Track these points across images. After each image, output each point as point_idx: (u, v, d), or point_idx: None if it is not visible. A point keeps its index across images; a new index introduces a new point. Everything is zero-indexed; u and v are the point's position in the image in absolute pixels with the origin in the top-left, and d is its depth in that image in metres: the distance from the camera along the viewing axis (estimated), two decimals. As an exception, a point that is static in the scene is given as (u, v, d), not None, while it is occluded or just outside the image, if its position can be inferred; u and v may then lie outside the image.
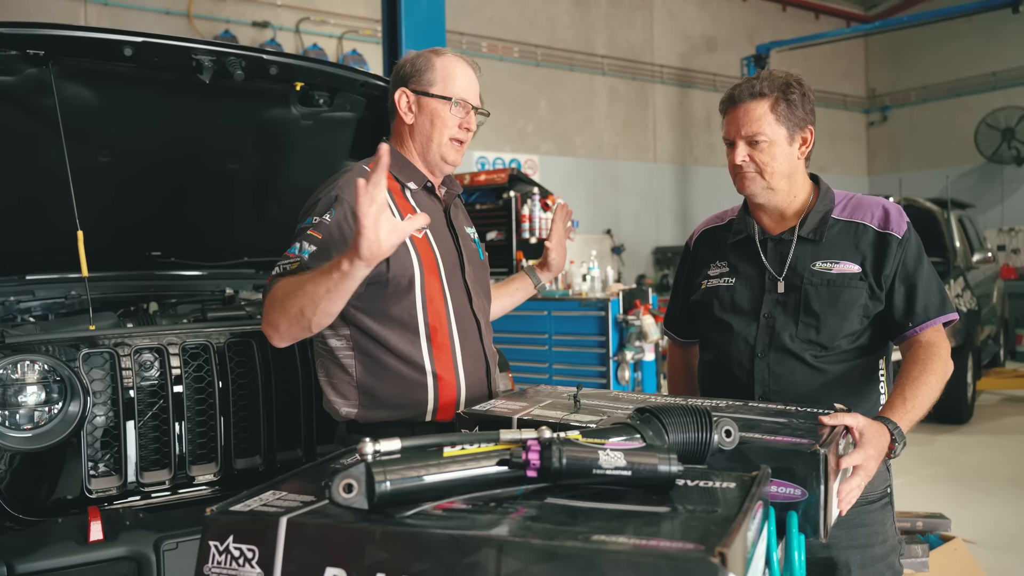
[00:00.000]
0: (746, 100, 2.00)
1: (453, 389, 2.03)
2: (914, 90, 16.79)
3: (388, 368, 1.99)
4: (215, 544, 1.08)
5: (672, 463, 1.13)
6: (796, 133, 2.02)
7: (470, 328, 2.09)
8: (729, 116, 2.05)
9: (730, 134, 2.04)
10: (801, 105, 2.01)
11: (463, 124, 2.07)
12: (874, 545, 1.97)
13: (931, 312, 1.99)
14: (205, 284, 3.38)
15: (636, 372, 6.27)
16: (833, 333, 2.00)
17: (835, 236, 2.04)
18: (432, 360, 2.01)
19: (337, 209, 1.93)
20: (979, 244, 9.12)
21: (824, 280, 2.01)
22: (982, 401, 8.51)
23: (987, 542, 4.48)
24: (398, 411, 2.00)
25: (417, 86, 2.07)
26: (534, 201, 7.40)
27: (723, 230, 2.24)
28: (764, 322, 2.05)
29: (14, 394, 2.17)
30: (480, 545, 0.96)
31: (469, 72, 2.09)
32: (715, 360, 2.17)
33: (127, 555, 2.13)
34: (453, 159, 2.09)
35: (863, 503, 1.93)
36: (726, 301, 2.13)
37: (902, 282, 2.00)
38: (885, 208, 2.06)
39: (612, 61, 13.50)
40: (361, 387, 2.01)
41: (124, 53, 2.42)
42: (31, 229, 2.85)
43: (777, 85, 1.99)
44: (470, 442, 1.16)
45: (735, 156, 2.02)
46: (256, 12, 10.22)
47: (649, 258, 13.90)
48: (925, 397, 1.86)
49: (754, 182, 2.03)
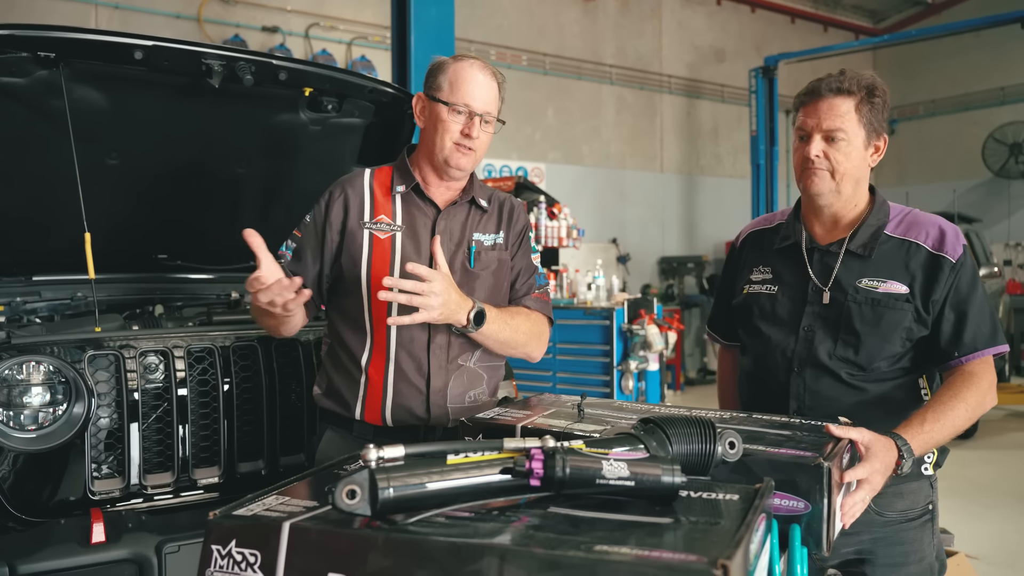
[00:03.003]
0: (831, 94, 1.91)
1: (379, 392, 2.06)
2: (922, 104, 16.77)
3: (340, 358, 2.13)
4: (218, 548, 1.08)
5: (676, 474, 1.13)
6: (872, 138, 1.94)
7: (416, 336, 2.05)
8: (808, 108, 1.94)
9: (807, 126, 1.93)
10: (882, 111, 1.93)
11: (465, 130, 2.04)
12: (910, 564, 1.90)
13: (980, 343, 1.91)
14: (211, 287, 3.38)
15: (640, 382, 6.27)
16: (872, 355, 1.92)
17: (885, 253, 1.95)
18: (369, 358, 2.07)
19: (315, 210, 2.13)
20: (985, 259, 9.10)
21: (868, 298, 1.92)
22: (986, 416, 8.41)
23: (991, 558, 4.46)
24: (338, 403, 2.12)
25: (429, 90, 2.09)
26: (540, 209, 7.42)
27: (771, 233, 2.15)
28: (803, 335, 1.98)
29: (19, 395, 2.17)
30: (483, 553, 0.96)
31: (481, 79, 2.05)
32: (752, 370, 2.12)
33: (129, 557, 2.13)
34: (457, 163, 2.06)
35: (902, 520, 1.88)
36: (766, 309, 2.06)
37: (952, 308, 1.91)
38: (942, 228, 1.95)
39: (620, 70, 13.52)
40: (325, 371, 2.18)
41: (134, 56, 2.43)
42: (39, 230, 2.86)
43: (864, 85, 1.91)
44: (474, 450, 1.16)
45: (809, 149, 1.92)
46: (266, 17, 10.26)
47: (654, 268, 13.88)
48: (948, 422, 1.80)
49: (823, 180, 1.93)
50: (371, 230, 2.08)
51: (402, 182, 2.12)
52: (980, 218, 11.17)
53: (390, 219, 2.09)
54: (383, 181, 2.14)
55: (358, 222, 2.08)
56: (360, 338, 2.08)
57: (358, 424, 2.09)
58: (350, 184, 2.13)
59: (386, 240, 2.07)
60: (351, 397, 2.09)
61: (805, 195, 2.02)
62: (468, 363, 2.12)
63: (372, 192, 2.12)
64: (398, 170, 2.15)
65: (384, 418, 2.06)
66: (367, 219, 2.09)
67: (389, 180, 2.13)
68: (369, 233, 2.08)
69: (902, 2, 16.76)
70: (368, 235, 2.07)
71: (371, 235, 2.08)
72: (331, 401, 2.15)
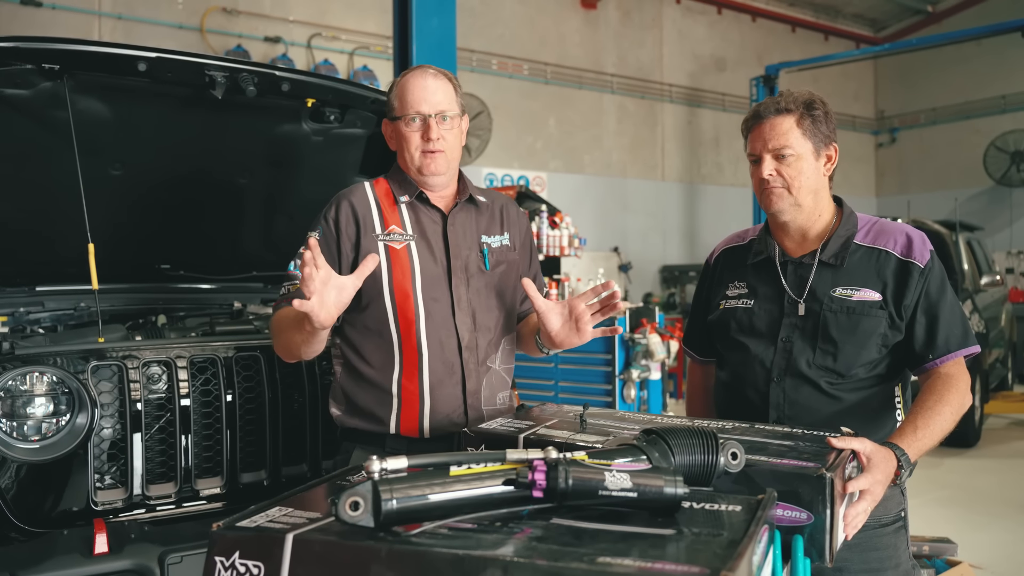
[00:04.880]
0: (772, 115, 1.99)
1: (416, 403, 2.02)
2: (923, 112, 16.80)
3: (363, 376, 2.07)
4: (221, 560, 1.08)
5: (678, 485, 1.13)
6: (821, 149, 2.01)
7: (446, 340, 2.05)
8: (754, 132, 2.03)
9: (756, 149, 2.02)
10: (824, 122, 2.00)
11: (423, 135, 2.04)
12: (887, 569, 1.94)
13: (952, 345, 1.95)
14: (214, 297, 3.39)
15: (642, 391, 6.26)
16: (850, 361, 1.97)
17: (856, 262, 2.01)
18: (401, 371, 2.03)
19: (324, 227, 2.08)
20: (987, 267, 9.09)
21: (843, 307, 1.98)
22: (989, 425, 8.45)
23: (994, 567, 4.44)
24: (368, 420, 2.06)
25: (388, 114, 2.13)
26: (542, 218, 7.42)
27: (743, 250, 2.21)
28: (782, 346, 2.03)
29: (22, 405, 2.17)
30: (485, 565, 0.96)
31: (424, 82, 2.05)
32: (730, 382, 2.15)
33: (131, 568, 2.13)
34: (431, 169, 2.06)
35: (876, 526, 1.91)
36: (744, 323, 2.10)
37: (924, 313, 1.96)
38: (908, 235, 2.02)
39: (621, 80, 13.56)
40: (344, 392, 2.10)
41: (138, 68, 2.44)
42: (43, 240, 2.87)
43: (801, 102, 1.99)
44: (476, 461, 1.16)
45: (762, 170, 1.99)
46: (268, 27, 10.30)
47: (656, 276, 13.89)
48: (937, 427, 1.84)
49: (781, 198, 2.00)
50: (385, 242, 2.06)
51: (404, 192, 2.12)
52: (982, 226, 11.16)
53: (401, 229, 2.08)
54: (385, 192, 2.13)
55: (371, 235, 2.06)
56: (386, 351, 2.04)
57: (392, 439, 2.03)
58: (353, 197, 2.11)
59: (402, 250, 2.06)
60: (383, 412, 2.03)
61: (768, 214, 2.09)
62: (494, 365, 2.14)
63: (378, 203, 2.11)
64: (396, 181, 2.14)
65: (422, 429, 2.03)
66: (379, 231, 2.07)
67: (390, 191, 2.13)
68: (384, 245, 2.05)
69: (903, 11, 16.80)
70: (384, 247, 2.05)
71: (387, 247, 2.05)
72: (358, 420, 2.07)
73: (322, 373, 2.62)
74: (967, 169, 15.54)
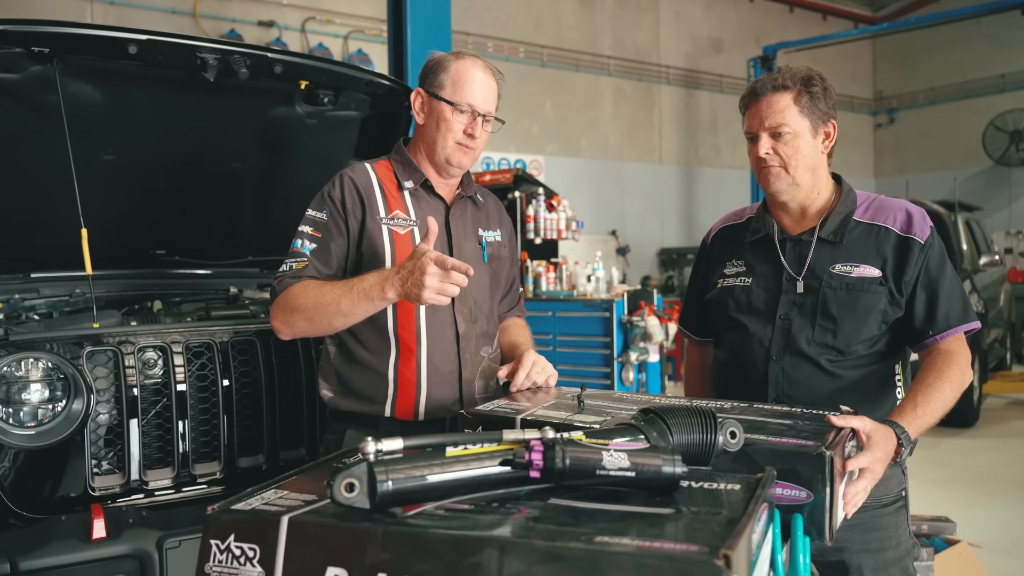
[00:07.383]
0: (768, 93, 1.97)
1: (412, 389, 2.03)
2: (922, 92, 16.76)
3: (358, 359, 2.06)
4: (216, 543, 1.07)
5: (676, 464, 1.12)
6: (819, 126, 1.99)
7: (444, 330, 2.06)
8: (751, 110, 2.01)
9: (753, 127, 2.00)
10: (823, 98, 1.98)
11: (468, 130, 2.05)
12: (887, 549, 1.94)
13: (952, 320, 1.95)
14: (209, 283, 3.38)
15: (640, 373, 6.27)
16: (850, 338, 1.96)
17: (856, 239, 2.00)
18: (397, 357, 2.03)
19: (328, 205, 2.04)
20: (986, 247, 9.10)
21: (843, 283, 1.97)
22: (988, 404, 8.48)
23: (993, 546, 4.46)
24: (363, 403, 2.05)
25: (430, 87, 2.08)
26: (539, 201, 7.41)
27: (741, 228, 2.19)
28: (780, 324, 2.02)
29: (18, 391, 2.17)
30: (482, 546, 0.95)
31: (483, 78, 2.06)
32: (729, 361, 2.14)
33: (130, 553, 2.13)
34: (458, 162, 2.07)
35: (876, 506, 1.91)
36: (742, 301, 2.09)
37: (923, 289, 1.95)
38: (908, 211, 2.01)
39: (618, 62, 13.50)
40: (337, 374, 2.09)
41: (129, 51, 2.42)
42: (36, 227, 2.86)
43: (799, 78, 1.97)
44: (473, 442, 1.15)
45: (759, 148, 1.98)
46: (262, 11, 10.24)
47: (654, 259, 13.89)
48: (937, 404, 1.83)
49: (779, 178, 1.99)
50: (389, 226, 2.04)
51: (409, 178, 2.10)
52: (981, 206, 11.17)
53: (405, 214, 2.07)
54: (387, 176, 2.11)
55: (375, 217, 2.04)
56: (382, 336, 2.03)
57: (386, 421, 2.04)
58: (357, 177, 2.08)
59: (405, 236, 2.04)
60: (378, 396, 2.04)
61: (766, 193, 2.07)
62: (487, 355, 2.14)
63: (382, 186, 2.09)
64: (400, 165, 2.12)
65: (417, 413, 2.03)
66: (383, 214, 2.05)
67: (393, 174, 2.11)
68: (388, 229, 2.04)
69: (901, -10, 16.73)
70: (387, 231, 2.03)
71: (390, 231, 2.04)
72: (352, 402, 2.07)
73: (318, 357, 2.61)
74: (966, 149, 15.52)
